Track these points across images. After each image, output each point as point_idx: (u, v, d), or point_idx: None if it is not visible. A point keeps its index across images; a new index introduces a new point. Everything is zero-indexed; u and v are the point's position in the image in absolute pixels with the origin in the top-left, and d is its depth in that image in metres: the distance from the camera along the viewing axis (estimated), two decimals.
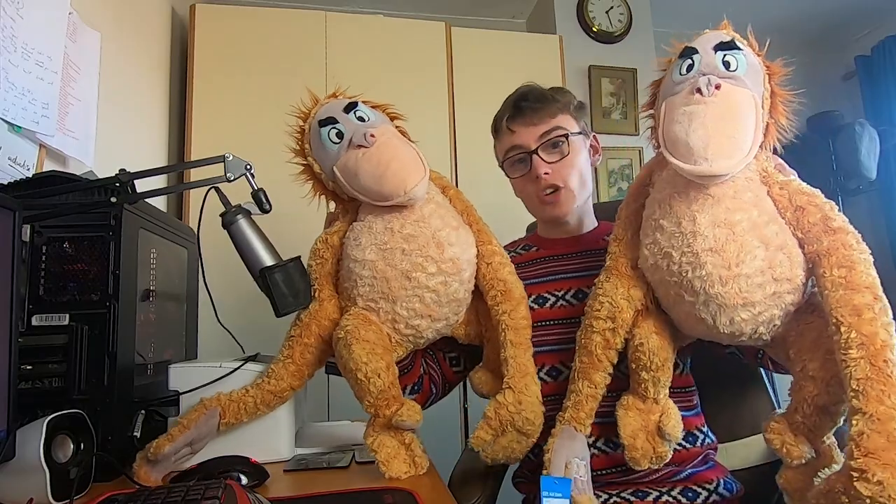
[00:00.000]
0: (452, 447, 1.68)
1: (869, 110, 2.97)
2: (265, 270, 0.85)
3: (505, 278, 0.90)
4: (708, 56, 0.74)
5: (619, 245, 0.86)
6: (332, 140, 0.86)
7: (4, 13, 1.07)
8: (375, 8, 2.48)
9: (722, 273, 0.71)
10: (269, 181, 0.91)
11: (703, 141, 0.67)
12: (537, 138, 1.00)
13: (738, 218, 0.72)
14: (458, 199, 0.95)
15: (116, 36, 1.61)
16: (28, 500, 0.64)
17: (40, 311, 0.83)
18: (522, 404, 0.84)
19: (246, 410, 0.85)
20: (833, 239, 0.72)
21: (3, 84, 1.06)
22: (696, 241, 0.72)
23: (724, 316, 0.74)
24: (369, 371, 0.80)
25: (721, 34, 0.77)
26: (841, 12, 3.04)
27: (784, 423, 0.76)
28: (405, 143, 0.88)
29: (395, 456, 0.81)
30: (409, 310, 0.85)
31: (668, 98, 0.75)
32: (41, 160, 1.20)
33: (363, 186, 0.83)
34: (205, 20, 2.06)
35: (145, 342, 0.96)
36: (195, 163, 1.00)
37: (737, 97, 0.71)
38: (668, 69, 0.79)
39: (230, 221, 0.87)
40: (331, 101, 0.91)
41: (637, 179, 0.88)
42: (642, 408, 0.84)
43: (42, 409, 0.77)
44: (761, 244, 0.72)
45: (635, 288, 0.83)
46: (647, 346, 0.80)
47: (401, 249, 0.84)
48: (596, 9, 2.66)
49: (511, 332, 0.87)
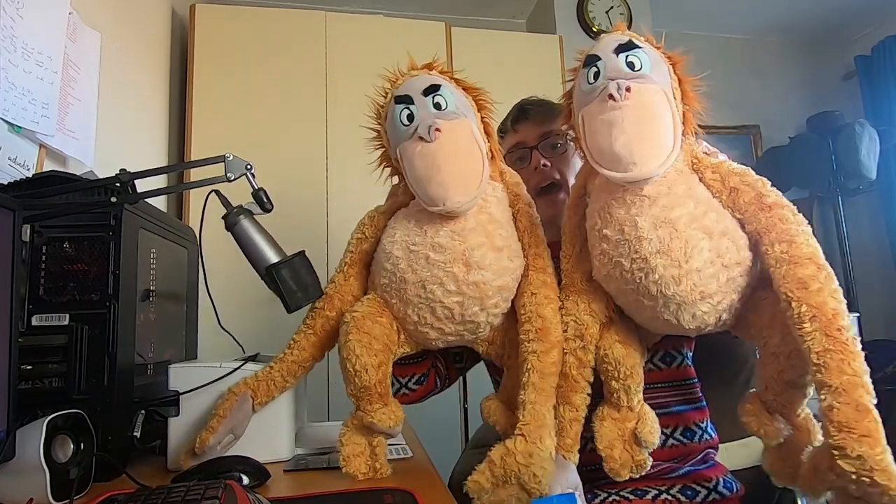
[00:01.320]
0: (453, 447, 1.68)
1: (869, 110, 2.96)
2: (271, 268, 0.85)
3: (545, 315, 0.81)
4: (611, 60, 0.74)
5: (569, 261, 0.85)
6: (403, 122, 0.80)
7: (4, 13, 1.07)
8: (375, 8, 2.48)
9: (674, 272, 0.71)
10: (270, 181, 0.91)
11: (628, 147, 0.67)
12: (538, 136, 1.04)
13: (676, 214, 0.72)
14: (525, 214, 0.87)
15: (116, 36, 1.61)
16: (28, 500, 0.64)
17: (40, 311, 0.83)
18: (533, 458, 0.74)
19: (276, 386, 0.86)
20: (769, 215, 0.72)
21: (3, 84, 1.06)
22: (643, 246, 0.72)
23: (686, 313, 0.73)
24: (358, 365, 0.80)
25: (618, 36, 0.77)
26: (841, 12, 3.04)
27: (757, 404, 0.76)
28: (470, 148, 0.79)
29: (358, 454, 0.81)
30: (419, 316, 0.82)
31: (583, 108, 0.74)
32: (41, 160, 1.21)
33: (412, 181, 0.79)
34: (205, 20, 2.07)
35: (145, 342, 0.96)
36: (195, 163, 1.00)
37: (649, 96, 0.71)
38: (576, 79, 0.79)
39: (233, 222, 0.87)
40: (418, 76, 0.84)
41: (573, 191, 0.87)
42: (617, 417, 0.83)
43: (42, 409, 0.77)
44: (705, 235, 0.72)
45: (595, 301, 0.82)
46: (612, 356, 0.80)
47: (426, 257, 0.79)
48: (596, 9, 2.66)
49: (536, 375, 0.78)
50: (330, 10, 2.22)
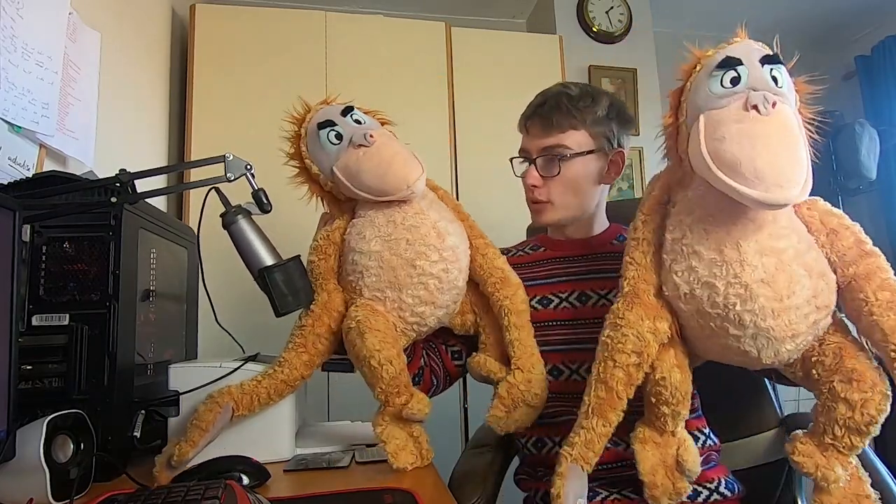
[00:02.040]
0: (453, 447, 1.68)
1: (869, 110, 2.96)
2: (264, 270, 0.85)
3: (501, 266, 0.96)
4: (756, 69, 0.68)
5: (637, 269, 0.79)
6: (332, 141, 0.90)
7: (4, 13, 1.07)
8: (375, 8, 2.48)
9: (775, 305, 0.68)
10: (269, 181, 0.91)
11: (774, 166, 0.61)
12: (539, 150, 1.01)
13: (782, 245, 0.69)
14: (447, 197, 1.01)
15: (116, 36, 1.61)
16: (28, 500, 0.64)
17: (40, 311, 0.83)
18: (532, 382, 0.89)
19: (259, 401, 0.86)
20: (869, 262, 0.71)
21: (4, 84, 1.06)
22: (745, 272, 0.68)
23: (772, 348, 0.71)
24: (382, 358, 0.82)
25: (759, 46, 0.72)
26: (841, 12, 3.04)
27: (812, 445, 0.74)
28: (401, 144, 0.91)
29: (403, 448, 0.83)
30: (414, 297, 0.88)
31: (707, 112, 0.68)
32: (41, 160, 1.20)
33: (365, 183, 0.87)
34: (205, 20, 2.06)
35: (145, 342, 0.96)
36: (195, 163, 1.00)
37: (791, 117, 0.67)
38: (695, 79, 0.72)
39: (230, 221, 0.87)
40: (327, 106, 0.95)
41: (652, 198, 0.82)
42: (660, 441, 0.80)
43: (42, 409, 0.77)
44: (805, 272, 0.69)
45: (661, 319, 0.77)
46: (670, 381, 0.76)
47: (405, 240, 0.87)
48: (596, 9, 2.66)
49: (514, 315, 0.92)
50: (330, 10, 2.22)
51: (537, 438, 1.01)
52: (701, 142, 0.66)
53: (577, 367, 0.96)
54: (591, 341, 0.94)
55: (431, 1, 2.76)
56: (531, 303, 0.99)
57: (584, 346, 0.95)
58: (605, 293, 0.98)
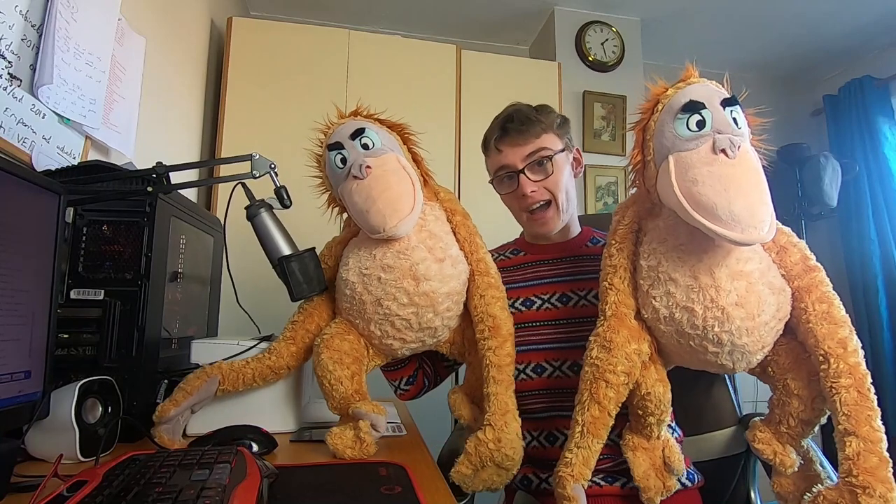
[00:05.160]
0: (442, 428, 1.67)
1: (833, 144, 2.96)
2: (283, 259, 0.85)
3: (495, 314, 0.84)
4: (718, 112, 0.67)
5: (616, 294, 0.77)
6: (338, 165, 0.84)
7: (60, 16, 1.08)
8: (395, 29, 2.48)
9: (749, 324, 0.68)
10: (291, 180, 0.91)
11: (748, 209, 0.61)
12: (523, 158, 0.96)
13: (749, 268, 0.69)
14: (463, 225, 0.89)
15: (160, 42, 1.61)
16: (58, 455, 0.64)
17: (78, 286, 0.83)
18: (502, 442, 0.78)
19: (243, 381, 0.83)
20: (812, 276, 0.72)
21: (56, 80, 1.07)
22: (721, 296, 0.68)
23: (744, 361, 0.72)
24: (333, 379, 0.80)
25: (716, 88, 0.70)
26: (813, 54, 3.04)
27: (769, 433, 0.77)
28: (400, 176, 0.81)
29: (340, 434, 0.76)
30: (381, 331, 0.83)
31: (676, 153, 0.67)
32: (86, 150, 1.21)
33: (354, 215, 0.82)
34: (240, 32, 2.07)
35: (171, 319, 0.96)
36: (225, 160, 1.00)
37: (754, 158, 0.66)
38: (658, 118, 0.71)
39: (254, 214, 0.87)
40: (344, 124, 0.87)
41: (624, 227, 0.80)
42: (647, 446, 0.81)
43: (75, 374, 0.77)
44: (770, 290, 0.70)
45: (643, 341, 0.76)
46: (655, 395, 0.76)
47: (377, 277, 0.80)
48: (592, 40, 2.66)
49: (495, 369, 0.82)
50: (353, 28, 2.21)
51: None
52: (673, 183, 0.65)
53: (560, 364, 0.95)
54: (574, 339, 0.94)
55: (445, 25, 2.76)
56: (515, 305, 0.97)
57: (567, 345, 0.94)
58: (585, 294, 0.97)
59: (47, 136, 1.07)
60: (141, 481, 0.50)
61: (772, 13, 2.66)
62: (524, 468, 0.95)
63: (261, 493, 0.51)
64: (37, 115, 1.03)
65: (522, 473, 0.94)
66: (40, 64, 1.03)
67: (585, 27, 2.65)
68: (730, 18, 2.71)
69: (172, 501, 0.45)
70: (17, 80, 0.99)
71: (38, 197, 0.65)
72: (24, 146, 1.00)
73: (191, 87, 1.94)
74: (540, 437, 0.95)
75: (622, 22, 2.71)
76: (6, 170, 0.59)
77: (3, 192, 0.58)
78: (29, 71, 1.02)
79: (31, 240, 0.63)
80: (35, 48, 1.03)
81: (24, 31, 1.00)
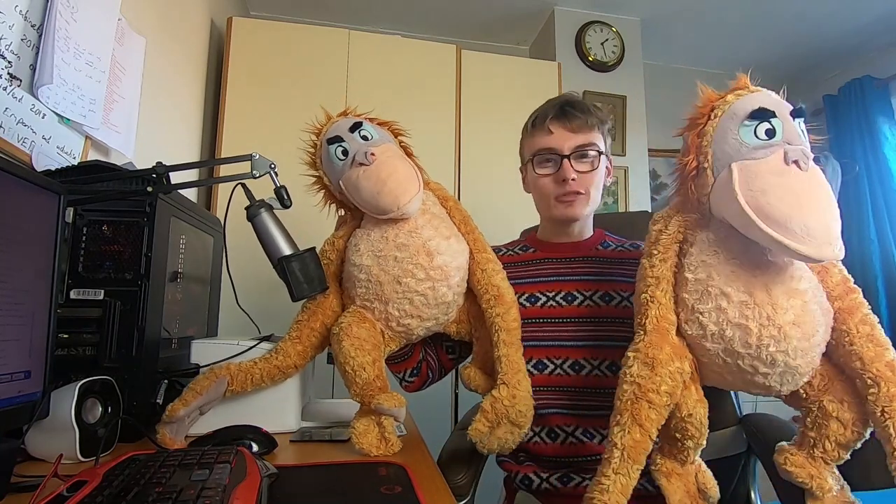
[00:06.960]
0: (443, 429, 1.68)
1: (833, 144, 2.97)
2: (283, 259, 0.85)
3: (498, 284, 0.89)
4: (789, 123, 0.64)
5: (659, 308, 0.72)
6: (339, 157, 0.87)
7: (60, 16, 1.07)
8: (395, 29, 2.48)
9: (804, 345, 0.66)
10: (291, 180, 0.91)
11: (823, 224, 0.58)
12: (573, 146, 0.96)
13: (804, 287, 0.67)
14: (456, 209, 0.94)
15: (160, 42, 1.61)
16: (58, 455, 0.64)
17: (78, 286, 0.83)
18: (516, 398, 0.83)
19: (252, 381, 0.84)
20: (853, 298, 0.70)
21: (56, 80, 1.06)
22: (777, 314, 0.64)
23: (793, 382, 0.69)
24: (356, 365, 0.80)
25: (778, 99, 0.67)
26: (812, 55, 3.04)
27: (801, 457, 0.73)
28: (403, 160, 0.86)
29: (365, 433, 0.79)
30: (399, 310, 0.85)
31: (742, 162, 0.64)
32: (86, 150, 1.21)
33: (363, 200, 0.84)
34: (240, 32, 2.07)
35: (171, 319, 0.96)
36: (225, 160, 1.00)
37: (821, 173, 0.63)
38: (719, 124, 0.67)
39: (254, 214, 0.87)
40: (339, 120, 0.91)
41: (669, 237, 0.75)
42: (681, 472, 0.76)
43: (75, 374, 0.77)
44: (820, 311, 0.67)
45: (685, 359, 0.71)
46: (697, 418, 0.71)
47: (393, 257, 0.84)
48: (592, 40, 2.66)
49: (504, 332, 0.86)
50: (353, 28, 2.21)
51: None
52: (737, 192, 0.62)
53: (562, 362, 0.95)
54: (576, 339, 0.95)
55: (445, 25, 2.76)
56: (520, 300, 0.97)
57: (569, 344, 0.95)
58: (590, 294, 0.97)
59: (47, 136, 1.07)
60: (141, 481, 0.50)
61: (772, 13, 2.66)
62: (525, 467, 0.95)
63: (261, 493, 0.51)
64: (37, 115, 1.03)
65: (524, 473, 0.94)
66: (40, 64, 1.03)
67: (585, 27, 2.65)
68: (730, 18, 2.71)
69: (172, 501, 0.45)
70: (17, 80, 0.99)
71: (38, 197, 0.65)
72: (24, 146, 1.00)
73: (191, 87, 1.93)
74: (541, 434, 0.95)
75: (622, 22, 2.71)
76: (6, 170, 0.59)
77: (3, 192, 0.58)
78: (29, 71, 1.02)
79: (31, 240, 0.63)
80: (35, 48, 1.03)
81: (24, 31, 1.00)
